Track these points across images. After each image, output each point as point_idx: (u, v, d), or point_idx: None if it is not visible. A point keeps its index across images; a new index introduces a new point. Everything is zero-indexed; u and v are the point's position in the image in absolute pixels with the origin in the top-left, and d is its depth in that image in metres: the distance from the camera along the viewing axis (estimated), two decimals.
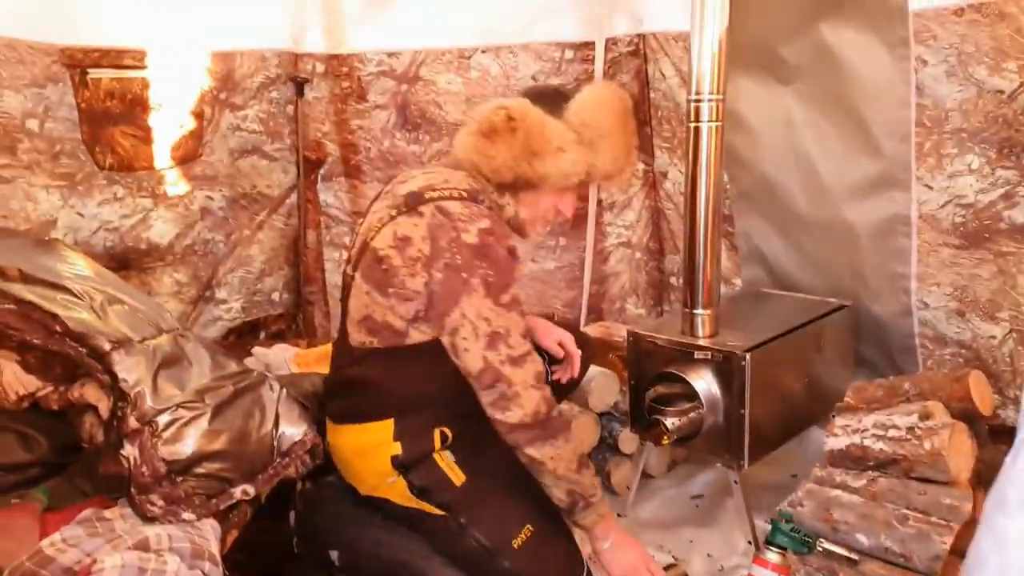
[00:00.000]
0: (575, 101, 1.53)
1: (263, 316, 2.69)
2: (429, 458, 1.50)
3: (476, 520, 1.49)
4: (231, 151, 2.48)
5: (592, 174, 1.55)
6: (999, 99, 1.88)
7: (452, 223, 1.41)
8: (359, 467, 1.56)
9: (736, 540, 1.90)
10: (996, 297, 2.03)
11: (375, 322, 1.48)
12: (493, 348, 1.40)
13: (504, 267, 1.42)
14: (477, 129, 1.49)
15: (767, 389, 1.85)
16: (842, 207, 2.19)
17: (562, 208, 1.60)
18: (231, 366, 1.44)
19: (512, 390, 1.41)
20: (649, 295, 2.81)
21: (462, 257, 1.40)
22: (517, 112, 1.47)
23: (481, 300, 1.40)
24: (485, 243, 1.41)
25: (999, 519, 0.57)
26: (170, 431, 1.28)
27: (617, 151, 1.55)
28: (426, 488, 1.50)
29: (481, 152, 1.48)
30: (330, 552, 1.67)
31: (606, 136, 1.52)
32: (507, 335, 1.41)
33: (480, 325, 1.40)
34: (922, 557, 1.43)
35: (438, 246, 1.41)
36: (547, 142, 1.47)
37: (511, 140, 1.46)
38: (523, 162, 1.47)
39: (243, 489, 1.35)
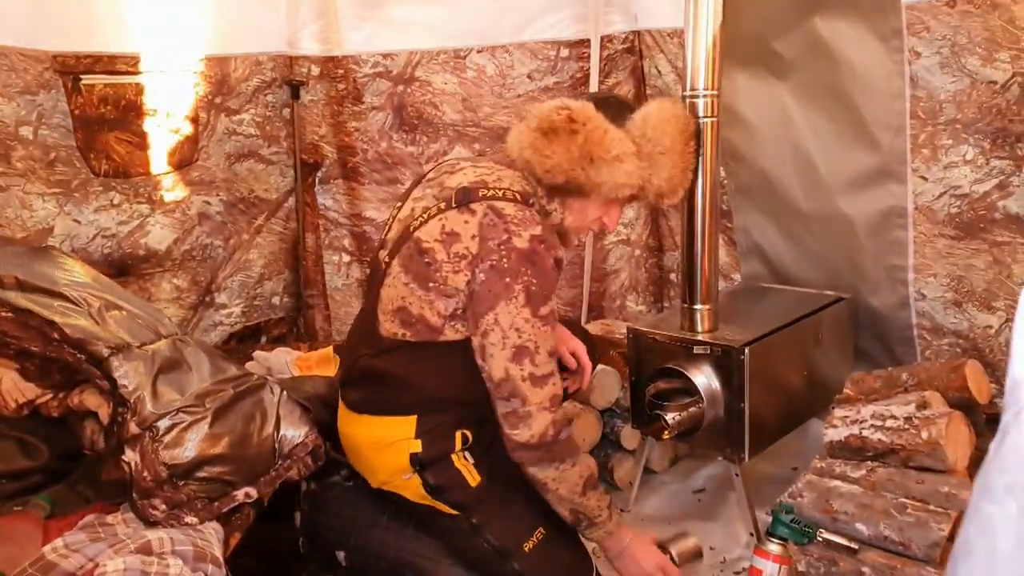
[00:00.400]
0: (639, 113, 1.52)
1: (264, 320, 2.69)
2: (447, 458, 1.49)
3: (488, 521, 1.48)
4: (227, 155, 2.48)
5: (646, 189, 1.52)
6: (992, 90, 1.88)
7: (505, 224, 1.38)
8: (374, 460, 1.55)
9: (738, 533, 1.91)
10: (992, 287, 2.04)
11: (410, 314, 1.45)
12: (518, 361, 1.37)
13: (549, 277, 1.39)
14: (536, 126, 1.45)
15: (766, 382, 1.85)
16: (839, 200, 2.19)
17: (607, 220, 1.57)
18: (231, 370, 1.45)
19: (525, 408, 1.38)
20: (649, 292, 2.81)
21: (509, 261, 1.36)
22: (580, 115, 1.43)
23: (519, 308, 1.36)
24: (535, 250, 1.37)
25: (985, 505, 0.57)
26: (171, 435, 1.29)
27: (675, 170, 1.53)
28: (441, 487, 1.49)
29: (537, 150, 1.44)
30: (336, 552, 1.68)
31: (667, 153, 1.51)
32: (535, 351, 1.38)
33: (511, 335, 1.37)
34: (921, 545, 1.44)
35: (487, 246, 1.37)
36: (606, 150, 1.43)
37: (569, 142, 1.42)
38: (579, 166, 1.43)
39: (245, 492, 1.35)
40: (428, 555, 1.56)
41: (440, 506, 1.50)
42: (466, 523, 1.49)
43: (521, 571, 1.47)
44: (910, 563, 1.44)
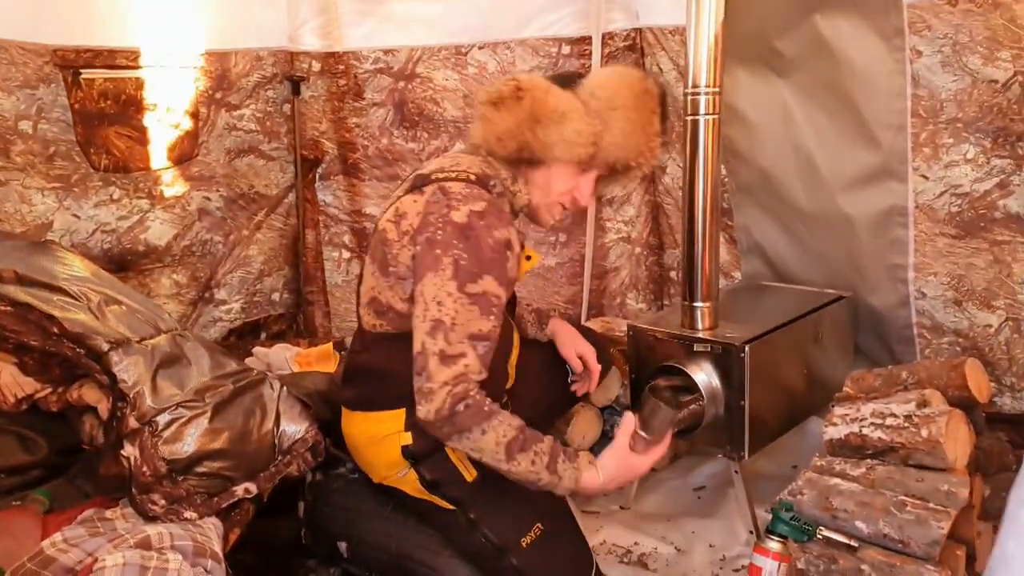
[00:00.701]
0: (589, 77, 1.53)
1: (263, 316, 2.69)
2: (441, 451, 1.48)
3: (486, 517, 1.48)
4: (228, 151, 2.48)
5: (600, 150, 1.49)
6: (993, 89, 1.88)
7: (447, 200, 1.40)
8: (371, 456, 1.56)
9: (738, 531, 1.91)
10: (992, 286, 2.04)
11: (381, 304, 1.47)
12: (432, 335, 1.33)
13: (483, 255, 1.36)
14: (487, 99, 1.48)
15: (767, 380, 1.85)
16: (840, 199, 2.19)
17: (578, 195, 1.56)
18: (231, 365, 1.44)
19: (428, 385, 1.33)
20: (649, 290, 2.81)
21: (443, 233, 1.37)
22: (527, 83, 1.46)
23: (445, 281, 1.34)
24: (472, 224, 1.37)
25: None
26: (170, 430, 1.28)
27: (628, 127, 1.49)
28: (437, 482, 1.50)
29: (487, 120, 1.47)
30: (339, 543, 1.68)
31: (617, 108, 1.48)
32: (451, 327, 1.33)
33: (431, 307, 1.34)
34: (920, 543, 1.44)
35: (427, 220, 1.40)
36: (551, 108, 1.44)
37: (516, 107, 1.44)
38: (526, 129, 1.44)
39: (245, 487, 1.35)
40: (429, 546, 1.56)
41: (438, 501, 1.51)
42: (463, 518, 1.49)
43: (519, 567, 1.47)
44: (909, 561, 1.44)
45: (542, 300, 2.75)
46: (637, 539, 1.91)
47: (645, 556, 1.86)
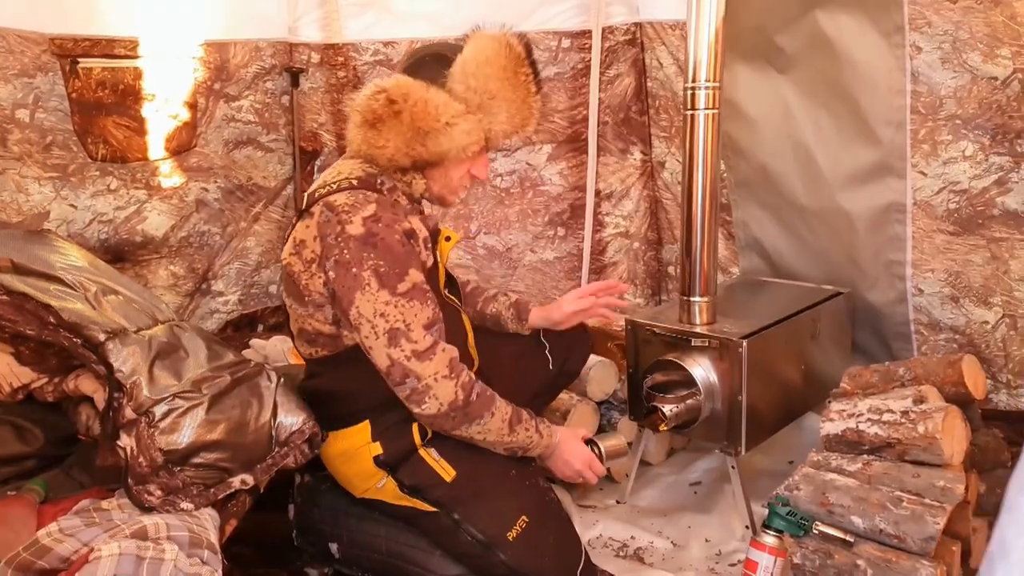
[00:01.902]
0: (457, 64, 1.42)
1: (260, 309, 2.68)
2: (414, 455, 1.49)
3: (469, 515, 1.48)
4: (226, 142, 2.47)
5: (492, 138, 1.46)
6: (993, 86, 1.88)
7: (336, 216, 1.36)
8: (347, 472, 1.57)
9: (734, 526, 1.91)
10: (989, 283, 2.04)
11: (309, 332, 1.48)
12: (395, 345, 1.35)
13: (396, 253, 1.36)
14: (361, 120, 1.39)
15: (764, 376, 1.86)
16: (838, 195, 2.19)
17: (475, 172, 1.52)
18: (228, 356, 1.44)
19: (422, 384, 1.36)
20: (647, 285, 2.81)
21: (350, 251, 1.34)
22: (397, 93, 1.37)
23: (375, 294, 1.34)
24: (371, 231, 1.35)
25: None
26: (167, 421, 1.28)
27: (512, 108, 1.44)
28: (417, 486, 1.50)
29: (371, 144, 1.39)
30: (329, 544, 1.67)
31: (496, 96, 1.42)
32: (408, 329, 1.35)
33: (378, 322, 1.34)
34: (916, 538, 1.44)
35: (326, 243, 1.37)
36: (435, 120, 1.37)
37: (398, 125, 1.37)
38: (416, 145, 1.38)
39: (241, 479, 1.35)
40: (420, 546, 1.56)
41: (420, 505, 1.51)
42: (448, 519, 1.49)
43: (508, 561, 1.46)
44: (905, 556, 1.45)
45: (540, 294, 2.75)
46: (633, 533, 1.91)
47: (641, 550, 1.86)
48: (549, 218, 2.70)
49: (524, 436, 1.48)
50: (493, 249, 2.72)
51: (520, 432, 1.47)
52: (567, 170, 2.66)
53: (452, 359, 1.40)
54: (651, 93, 2.61)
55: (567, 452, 1.56)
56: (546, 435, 1.52)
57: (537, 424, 1.51)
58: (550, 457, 1.56)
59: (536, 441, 1.50)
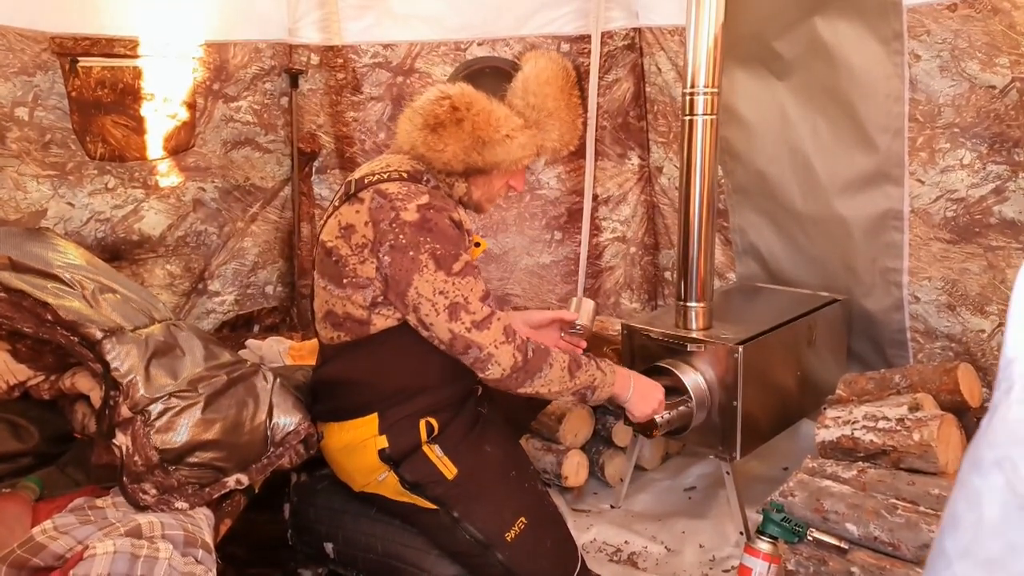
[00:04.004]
0: (518, 80, 1.50)
1: (257, 309, 2.68)
2: (419, 451, 1.50)
3: (469, 514, 1.49)
4: (224, 142, 2.47)
5: (541, 153, 1.54)
6: (991, 94, 1.89)
7: (391, 203, 1.41)
8: (348, 465, 1.57)
9: (728, 531, 1.91)
10: (985, 291, 2.04)
11: (336, 315, 1.49)
12: (455, 319, 1.41)
13: (450, 236, 1.42)
14: (423, 123, 1.44)
15: (759, 382, 1.86)
16: (836, 202, 2.20)
17: (514, 184, 1.59)
18: (224, 356, 1.44)
19: (485, 352, 1.42)
20: (644, 290, 2.81)
21: (406, 236, 1.39)
22: (461, 101, 1.42)
23: (433, 274, 1.39)
24: (426, 217, 1.40)
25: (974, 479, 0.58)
26: (163, 420, 1.27)
27: (564, 127, 1.53)
28: (418, 483, 1.50)
29: (430, 147, 1.44)
30: (325, 544, 1.67)
31: (552, 115, 1.50)
32: (466, 303, 1.41)
33: (438, 300, 1.40)
34: (910, 546, 1.45)
35: (380, 229, 1.41)
36: (495, 131, 1.43)
37: (459, 132, 1.42)
38: (473, 153, 1.44)
39: (236, 478, 1.35)
40: (416, 546, 1.56)
41: (420, 501, 1.51)
42: (447, 517, 1.50)
43: (505, 561, 1.47)
44: (899, 564, 1.45)
45: (537, 298, 2.75)
46: (627, 538, 1.92)
47: (635, 555, 1.86)
48: (546, 222, 2.70)
49: (587, 377, 1.52)
50: (490, 252, 2.72)
51: (582, 375, 1.51)
52: (565, 174, 2.67)
53: (507, 326, 1.45)
54: (649, 98, 2.62)
55: (646, 386, 1.63)
56: (608, 372, 1.57)
57: (598, 363, 1.56)
58: (629, 401, 1.61)
59: (601, 379, 1.55)
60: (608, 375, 1.56)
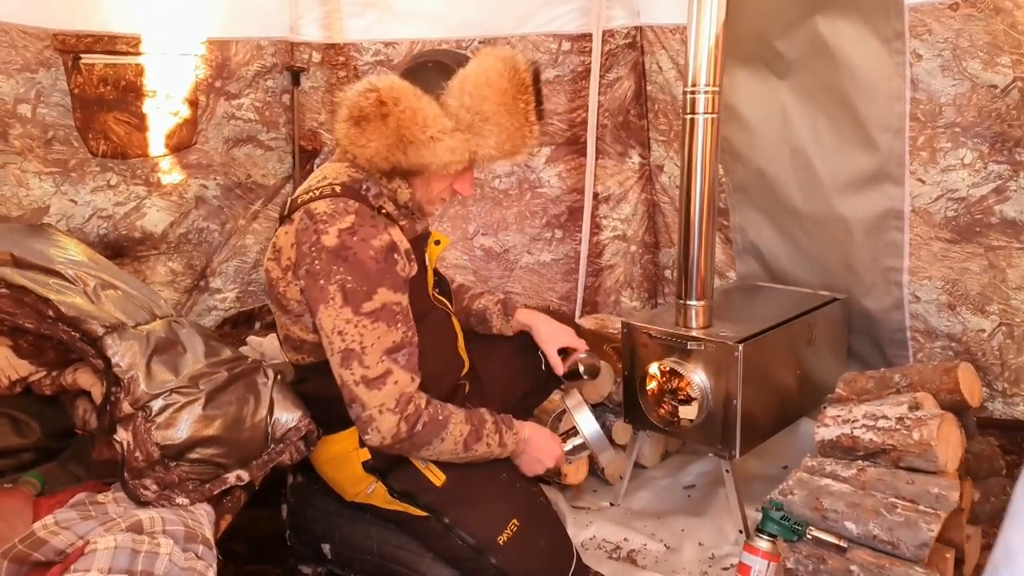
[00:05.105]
0: (456, 79, 1.37)
1: (258, 307, 2.68)
2: (404, 461, 1.49)
3: (460, 520, 1.47)
4: (226, 140, 2.47)
5: (478, 160, 1.42)
6: (992, 94, 1.89)
7: (314, 225, 1.35)
8: (336, 476, 1.57)
9: (727, 530, 1.92)
10: (986, 291, 2.05)
11: (293, 340, 1.48)
12: (347, 366, 1.33)
13: (367, 271, 1.33)
14: (347, 115, 1.36)
15: (759, 380, 1.86)
16: (836, 201, 2.20)
17: (459, 188, 1.49)
18: (225, 352, 1.44)
19: (367, 413, 1.34)
20: (644, 288, 2.82)
21: (320, 262, 1.33)
22: (389, 95, 1.33)
23: (338, 309, 1.32)
24: (344, 245, 1.32)
25: None
26: (163, 416, 1.28)
27: (503, 135, 1.39)
28: (407, 491, 1.50)
29: (353, 141, 1.36)
30: (322, 545, 1.68)
31: (489, 120, 1.37)
32: (362, 353, 1.32)
33: (335, 339, 1.33)
34: (909, 544, 1.44)
35: (301, 251, 1.36)
36: (421, 131, 1.33)
37: (383, 128, 1.33)
38: (397, 152, 1.35)
39: (237, 475, 1.35)
40: (412, 548, 1.56)
41: (410, 509, 1.50)
42: (438, 524, 1.49)
43: (499, 565, 1.46)
44: (899, 563, 1.45)
45: (537, 296, 2.76)
46: (627, 535, 1.92)
47: (634, 552, 1.86)
48: (547, 220, 2.71)
49: (482, 452, 1.46)
50: (490, 251, 2.72)
51: (478, 449, 1.45)
52: (565, 172, 2.67)
53: (403, 393, 1.35)
54: (650, 97, 2.62)
55: (537, 450, 1.56)
56: (511, 444, 1.51)
57: (502, 436, 1.49)
58: (519, 457, 1.56)
59: (497, 453, 1.49)
60: (508, 448, 1.50)
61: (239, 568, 1.76)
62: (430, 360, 1.46)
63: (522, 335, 1.81)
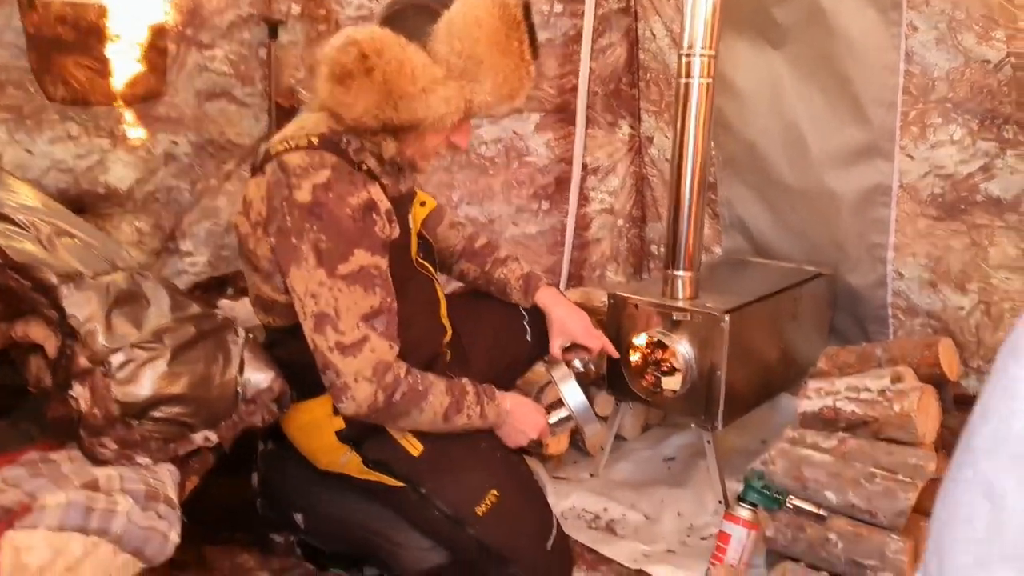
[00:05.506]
0: (442, 22, 1.28)
1: (231, 272, 2.58)
2: (380, 430, 1.43)
3: (437, 490, 1.43)
4: (198, 93, 2.35)
5: (475, 109, 1.32)
6: (985, 69, 1.87)
7: (287, 179, 1.27)
8: (308, 445, 1.51)
9: (706, 500, 1.90)
10: (967, 269, 2.04)
11: (264, 301, 1.41)
12: (320, 331, 1.27)
13: (344, 230, 1.25)
14: (329, 74, 1.26)
15: (744, 352, 1.84)
16: (825, 176, 2.17)
17: (456, 141, 1.40)
18: (193, 308, 1.36)
19: (341, 381, 1.28)
20: (629, 263, 2.78)
21: (292, 219, 1.25)
22: (371, 48, 1.23)
23: (311, 271, 1.25)
24: (319, 201, 1.24)
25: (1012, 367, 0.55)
26: (125, 372, 1.20)
27: (500, 78, 1.29)
28: (382, 461, 1.45)
29: (338, 101, 1.27)
30: (294, 515, 1.62)
31: (483, 63, 1.27)
32: (336, 317, 1.26)
33: (308, 302, 1.27)
34: (887, 513, 1.44)
35: (272, 206, 1.28)
36: (410, 83, 1.23)
37: (369, 84, 1.23)
38: (387, 108, 1.25)
39: (204, 435, 1.28)
40: (388, 519, 1.51)
41: (386, 479, 1.46)
42: (414, 494, 1.44)
43: (477, 536, 1.42)
44: (876, 531, 1.45)
45: None
46: (606, 505, 1.90)
47: (614, 522, 1.84)
48: (534, 191, 2.64)
49: (462, 424, 1.41)
50: (475, 220, 2.65)
51: (458, 421, 1.40)
52: (554, 141, 2.60)
53: (380, 361, 1.29)
54: (643, 65, 2.56)
55: (520, 421, 1.51)
56: (492, 416, 1.46)
57: (484, 407, 1.44)
58: (501, 428, 1.51)
59: (478, 425, 1.45)
60: (489, 419, 1.45)
61: (208, 535, 1.70)
62: (410, 327, 1.40)
63: (509, 305, 1.76)
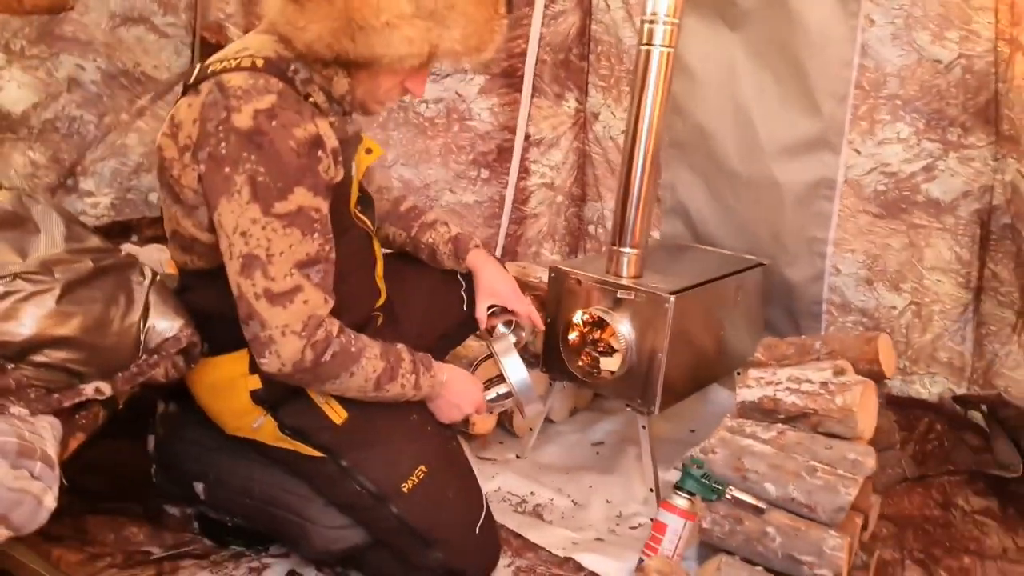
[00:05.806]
0: None
1: (137, 218, 2.35)
2: (300, 393, 1.30)
3: (360, 463, 1.32)
4: (112, 15, 2.11)
5: (438, 55, 1.23)
6: (936, 69, 1.89)
7: (226, 101, 1.13)
8: (216, 406, 1.37)
9: (636, 488, 1.86)
10: (903, 268, 2.08)
11: (183, 238, 1.26)
12: (247, 274, 1.15)
13: (285, 164, 1.13)
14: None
15: (685, 337, 1.80)
16: (772, 165, 2.16)
17: (411, 87, 1.29)
18: (92, 240, 1.19)
19: (266, 333, 1.16)
20: (566, 242, 2.71)
21: (228, 145, 1.12)
22: None
23: (244, 206, 1.12)
24: (260, 129, 1.12)
25: None
26: (3, 306, 1.03)
27: (470, 27, 1.21)
28: (300, 428, 1.32)
29: (289, 21, 1.16)
30: (195, 484, 1.46)
31: (456, 7, 1.19)
32: (267, 261, 1.14)
33: (236, 241, 1.14)
34: (826, 508, 1.42)
35: (205, 129, 1.14)
36: (374, 14, 1.13)
37: (328, 8, 1.13)
38: (344, 38, 1.15)
39: (96, 387, 1.11)
40: (300, 492, 1.38)
41: (302, 448, 1.33)
42: (334, 466, 1.32)
43: (400, 514, 1.32)
44: (815, 526, 1.43)
45: None
46: (533, 489, 1.82)
47: (540, 507, 1.77)
48: (474, 157, 2.53)
49: (395, 393, 1.32)
50: (410, 183, 2.52)
51: (391, 389, 1.30)
52: (498, 107, 2.50)
53: (312, 315, 1.18)
54: (594, 37, 2.48)
55: (456, 395, 1.42)
56: (427, 387, 1.36)
57: (419, 377, 1.34)
58: (434, 401, 1.41)
59: (411, 396, 1.35)
60: (423, 390, 1.35)
61: (91, 506, 1.51)
62: (343, 285, 1.27)
63: (445, 272, 1.65)
